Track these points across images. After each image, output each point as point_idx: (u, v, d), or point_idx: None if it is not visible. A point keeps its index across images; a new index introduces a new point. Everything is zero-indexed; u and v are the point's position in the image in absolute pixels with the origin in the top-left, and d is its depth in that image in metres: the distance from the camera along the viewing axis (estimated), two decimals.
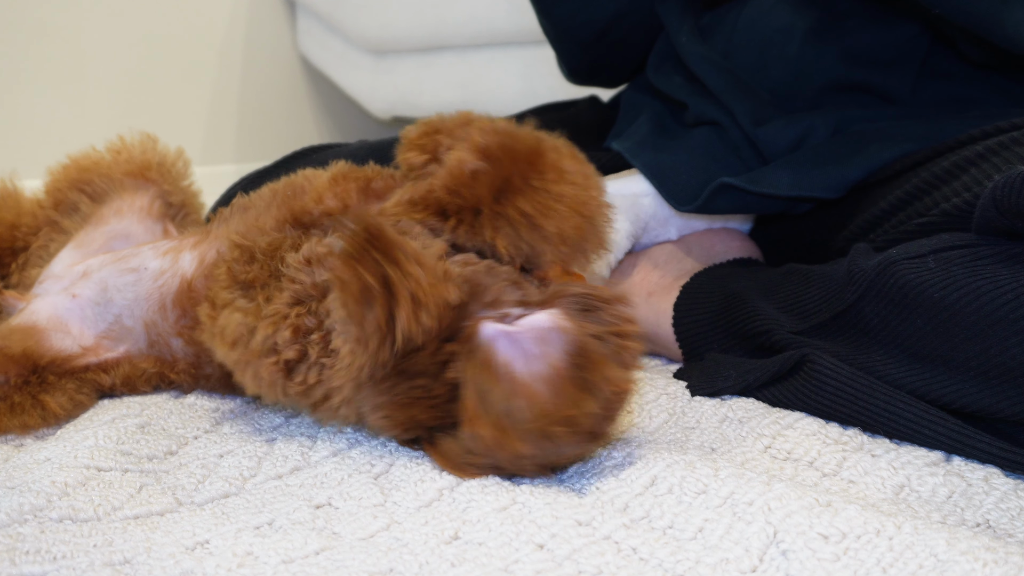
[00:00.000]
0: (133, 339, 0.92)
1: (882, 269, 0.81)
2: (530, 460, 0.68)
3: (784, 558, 0.61)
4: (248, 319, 0.74)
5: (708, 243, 1.08)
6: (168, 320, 0.89)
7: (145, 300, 0.90)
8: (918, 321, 0.78)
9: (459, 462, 0.71)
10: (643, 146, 1.08)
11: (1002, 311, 0.73)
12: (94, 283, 0.92)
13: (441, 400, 0.71)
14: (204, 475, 0.76)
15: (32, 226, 1.03)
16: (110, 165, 1.01)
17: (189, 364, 0.90)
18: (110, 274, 0.92)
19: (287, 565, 0.63)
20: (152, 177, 1.01)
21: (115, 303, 0.91)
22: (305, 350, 0.73)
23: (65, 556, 0.64)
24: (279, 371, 0.73)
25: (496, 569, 0.62)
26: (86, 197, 1.01)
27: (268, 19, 2.26)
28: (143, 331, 0.91)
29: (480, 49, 1.92)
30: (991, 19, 0.90)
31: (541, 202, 0.76)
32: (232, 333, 0.75)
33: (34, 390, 0.86)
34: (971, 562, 0.58)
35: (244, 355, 0.74)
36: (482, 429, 0.67)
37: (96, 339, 0.91)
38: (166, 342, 0.90)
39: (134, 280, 0.91)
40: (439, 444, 0.73)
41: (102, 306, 0.91)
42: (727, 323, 0.94)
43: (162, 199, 1.01)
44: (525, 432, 0.66)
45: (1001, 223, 0.78)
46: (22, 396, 0.86)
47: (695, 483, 0.69)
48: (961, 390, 0.76)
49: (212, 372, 0.89)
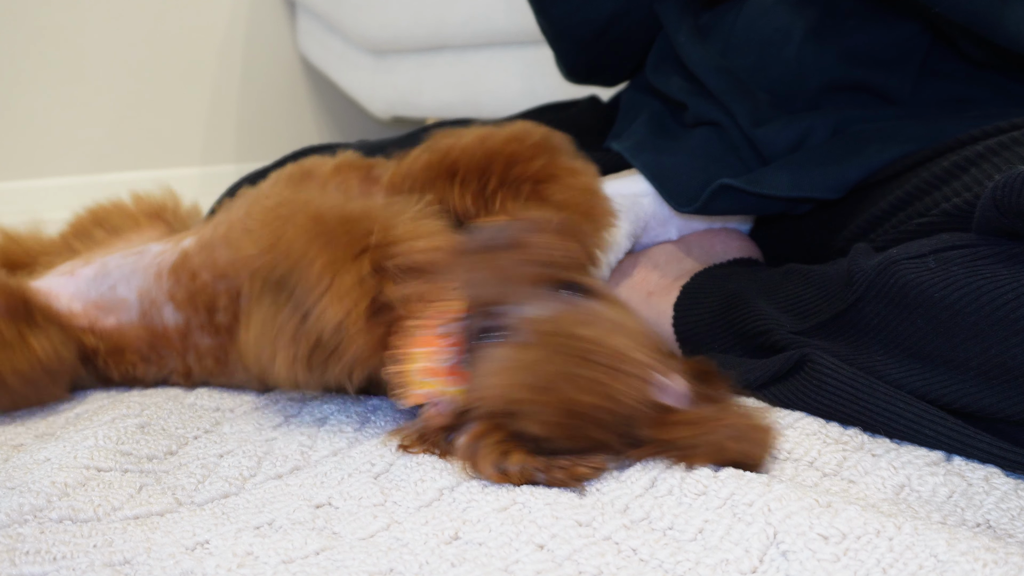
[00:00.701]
0: (125, 309, 0.94)
1: (882, 269, 0.81)
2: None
3: (784, 559, 0.61)
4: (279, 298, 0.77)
5: (708, 243, 1.08)
6: (162, 287, 0.92)
7: (143, 271, 0.93)
8: (918, 321, 0.78)
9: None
10: (643, 147, 1.08)
11: (1002, 311, 0.73)
12: (95, 266, 0.96)
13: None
14: (204, 475, 0.76)
15: (52, 254, 1.07)
16: (131, 209, 1.08)
17: (179, 333, 0.91)
18: (113, 258, 0.96)
19: (287, 565, 0.63)
20: (167, 218, 1.07)
21: (112, 275, 0.94)
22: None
23: (65, 556, 0.64)
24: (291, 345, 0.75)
25: (496, 569, 0.62)
26: (103, 230, 1.06)
27: (268, 19, 2.26)
28: (136, 301, 0.93)
29: (480, 49, 1.92)
30: (991, 17, 0.90)
31: (549, 173, 0.83)
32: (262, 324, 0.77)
33: (21, 326, 0.88)
34: (971, 562, 0.58)
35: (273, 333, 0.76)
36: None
37: (85, 307, 0.94)
38: (158, 310, 0.92)
39: (136, 258, 0.95)
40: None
41: (99, 279, 0.95)
42: (727, 323, 0.94)
43: (169, 231, 1.06)
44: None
45: (1001, 223, 0.78)
46: (8, 328, 0.87)
47: (695, 484, 0.69)
48: (961, 390, 0.76)
49: (201, 343, 0.90)
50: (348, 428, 0.82)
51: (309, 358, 0.75)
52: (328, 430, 0.82)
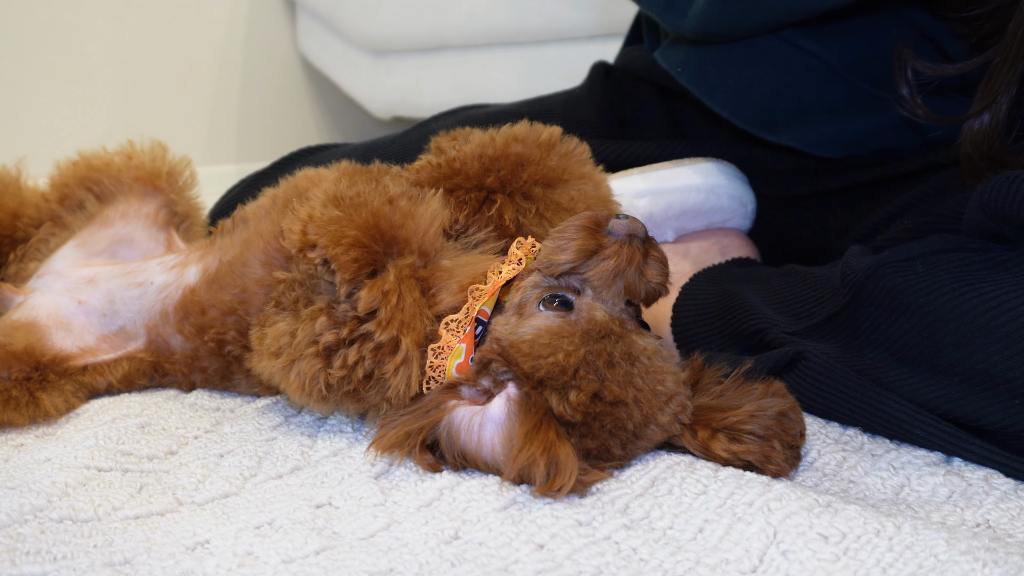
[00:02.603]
0: (133, 341, 0.93)
1: (871, 272, 0.81)
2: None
3: (784, 558, 0.61)
4: (290, 325, 0.76)
5: (706, 244, 1.08)
6: (170, 323, 0.91)
7: (149, 309, 0.92)
8: (905, 325, 0.79)
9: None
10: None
11: (984, 318, 0.74)
12: (102, 293, 0.93)
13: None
14: (204, 475, 0.76)
15: (35, 218, 1.02)
16: (120, 168, 1.02)
17: (187, 356, 0.91)
18: (117, 287, 0.93)
19: (287, 565, 0.63)
20: (161, 186, 1.02)
21: (120, 315, 0.93)
22: (344, 331, 0.74)
23: (65, 556, 0.64)
24: (320, 360, 0.74)
25: (496, 569, 0.62)
26: (93, 196, 1.01)
27: (268, 19, 2.26)
28: (144, 333, 0.92)
29: (480, 49, 1.92)
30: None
31: (557, 177, 0.84)
32: (276, 342, 0.76)
33: (33, 387, 0.87)
34: (971, 562, 0.58)
35: (288, 356, 0.75)
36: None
37: (97, 341, 0.92)
38: (166, 341, 0.91)
39: (139, 293, 0.92)
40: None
41: (108, 316, 0.93)
42: (724, 323, 0.94)
43: (168, 208, 1.02)
44: None
45: (988, 226, 0.78)
46: (20, 391, 0.86)
47: (695, 484, 0.69)
48: (947, 395, 0.76)
49: (209, 365, 0.90)
50: (348, 428, 0.82)
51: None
52: (328, 430, 0.82)
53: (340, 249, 0.72)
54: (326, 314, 0.74)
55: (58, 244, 1.00)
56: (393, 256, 0.74)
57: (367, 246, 0.73)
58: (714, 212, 1.07)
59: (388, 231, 0.74)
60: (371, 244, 0.73)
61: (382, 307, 0.71)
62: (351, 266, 0.72)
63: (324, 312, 0.74)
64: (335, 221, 0.73)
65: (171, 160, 1.04)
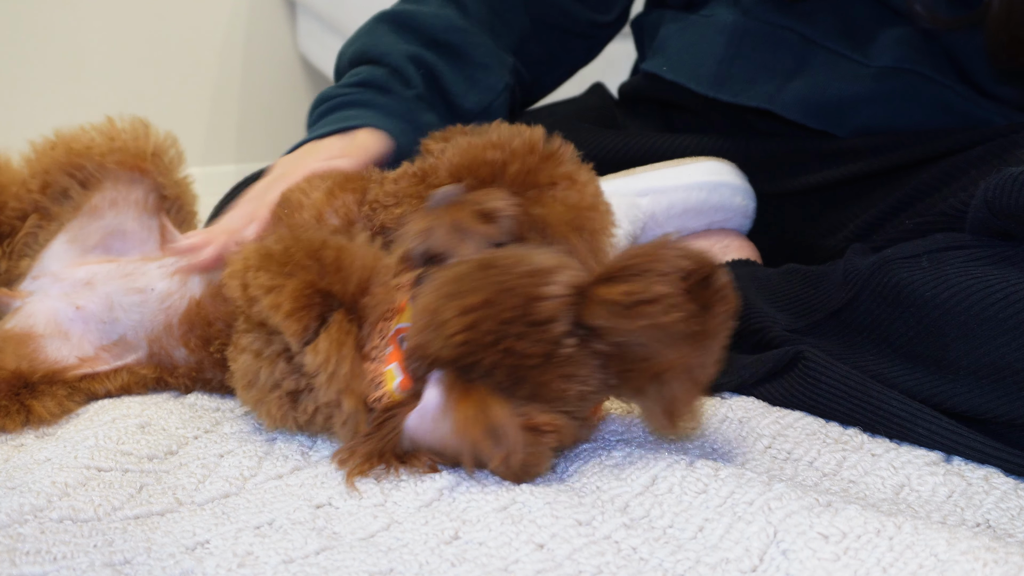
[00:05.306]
0: (134, 352, 0.92)
1: (876, 268, 0.81)
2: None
3: (784, 558, 0.61)
4: (254, 360, 0.77)
5: (707, 244, 1.08)
6: (174, 336, 0.90)
7: (150, 321, 0.91)
8: (910, 320, 0.78)
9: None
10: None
11: (990, 311, 0.74)
12: (100, 298, 0.91)
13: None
14: (204, 475, 0.76)
15: (18, 209, 0.98)
16: (103, 151, 0.97)
17: (190, 369, 0.90)
18: (116, 290, 0.92)
19: (287, 565, 0.63)
20: (147, 168, 0.98)
21: (121, 322, 0.91)
22: (302, 380, 0.75)
23: (65, 556, 0.64)
24: (286, 403, 0.76)
25: (496, 569, 0.62)
26: (77, 183, 0.97)
27: (268, 19, 2.26)
28: (146, 345, 0.91)
29: None
30: None
31: (531, 182, 0.80)
32: (244, 376, 0.78)
33: (23, 396, 0.86)
34: (971, 562, 0.58)
35: (257, 393, 0.77)
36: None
37: (96, 351, 0.91)
38: (169, 353, 0.91)
39: (140, 300, 0.91)
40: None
41: (108, 324, 0.91)
42: None
43: (157, 192, 0.98)
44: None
45: (994, 224, 0.78)
46: (9, 401, 0.85)
47: (695, 483, 0.69)
48: (952, 390, 0.76)
49: (213, 377, 0.89)
50: None
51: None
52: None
53: (280, 316, 0.72)
54: (284, 359, 0.75)
55: (47, 238, 0.97)
56: (335, 298, 0.74)
57: (305, 306, 0.72)
58: (715, 211, 1.07)
59: (322, 282, 0.73)
60: (309, 301, 0.72)
61: (321, 371, 0.72)
62: (294, 327, 0.72)
63: (282, 357, 0.75)
64: (271, 285, 0.73)
65: (155, 139, 1.00)
